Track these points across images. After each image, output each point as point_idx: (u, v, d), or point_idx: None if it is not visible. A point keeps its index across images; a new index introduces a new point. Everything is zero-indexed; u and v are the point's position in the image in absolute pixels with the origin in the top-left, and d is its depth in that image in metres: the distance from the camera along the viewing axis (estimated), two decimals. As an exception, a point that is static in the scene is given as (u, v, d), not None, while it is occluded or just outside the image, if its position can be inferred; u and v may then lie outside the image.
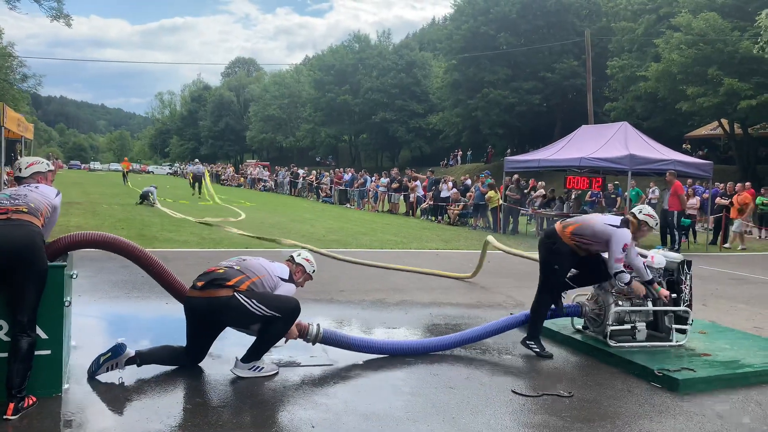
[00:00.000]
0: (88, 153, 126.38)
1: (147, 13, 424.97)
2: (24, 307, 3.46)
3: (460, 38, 44.22)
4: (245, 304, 4.06)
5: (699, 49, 25.82)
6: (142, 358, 4.17)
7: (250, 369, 4.27)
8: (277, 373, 4.36)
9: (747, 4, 26.95)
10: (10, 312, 3.53)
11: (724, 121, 29.16)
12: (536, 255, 5.59)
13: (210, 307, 4.10)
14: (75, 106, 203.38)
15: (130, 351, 4.13)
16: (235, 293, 4.08)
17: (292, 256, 4.62)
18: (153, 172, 77.13)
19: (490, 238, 8.68)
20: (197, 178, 27.30)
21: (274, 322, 4.16)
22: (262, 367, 4.31)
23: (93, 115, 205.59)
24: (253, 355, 4.28)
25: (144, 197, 20.20)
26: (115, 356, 4.08)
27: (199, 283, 4.19)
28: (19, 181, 4.05)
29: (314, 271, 4.64)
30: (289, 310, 4.20)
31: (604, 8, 39.35)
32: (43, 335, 3.70)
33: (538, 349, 5.10)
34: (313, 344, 4.62)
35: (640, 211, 5.19)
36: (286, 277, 4.36)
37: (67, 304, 3.81)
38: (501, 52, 42.12)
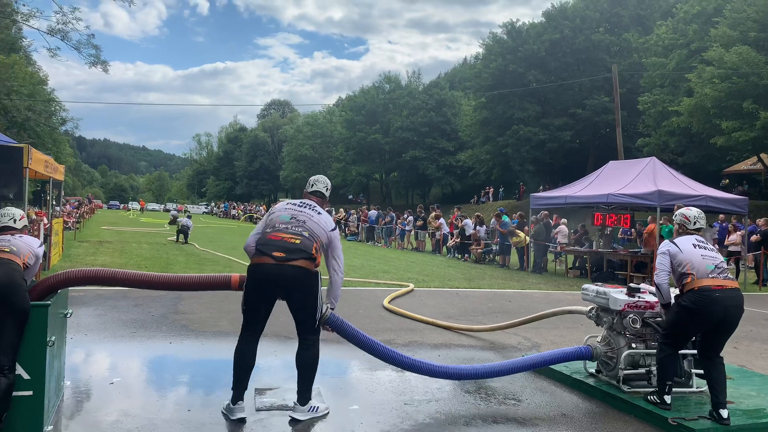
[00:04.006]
0: (128, 193, 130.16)
1: (189, 59, 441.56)
2: (2, 347, 3.42)
3: (488, 76, 44.47)
4: (318, 291, 4.14)
5: (732, 83, 25.30)
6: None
7: (309, 411, 4.21)
8: (328, 413, 4.31)
9: (781, 37, 26.44)
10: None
11: (764, 155, 28.32)
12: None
13: (294, 276, 4.01)
14: (118, 148, 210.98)
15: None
16: (318, 272, 4.14)
17: (317, 190, 4.55)
18: (189, 211, 78.89)
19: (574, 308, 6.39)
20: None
21: (313, 336, 4.22)
22: (317, 407, 4.27)
23: (134, 157, 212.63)
24: (305, 391, 4.22)
25: (183, 233, 20.59)
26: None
27: (278, 254, 4.02)
28: (4, 230, 4.04)
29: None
30: (318, 322, 4.24)
31: (634, 44, 39.06)
32: (25, 375, 3.65)
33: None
34: (318, 324, 4.35)
35: None
36: (334, 225, 4.42)
37: (50, 344, 3.75)
38: (530, 89, 42.12)
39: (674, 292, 4.69)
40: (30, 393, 3.64)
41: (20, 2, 29.03)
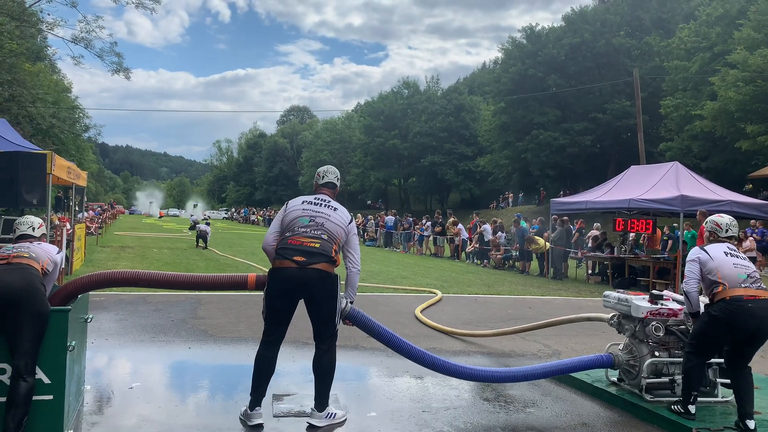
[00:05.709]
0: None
1: (210, 66, 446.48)
2: (21, 351, 3.45)
3: (508, 81, 44.32)
4: (337, 293, 4.13)
5: (757, 86, 24.90)
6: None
7: (326, 417, 4.20)
8: (345, 419, 4.28)
9: (807, 39, 25.96)
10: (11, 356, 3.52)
11: (790, 160, 27.76)
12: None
13: (316, 278, 4.03)
14: (140, 154, 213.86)
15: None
16: (338, 276, 4.13)
17: (329, 182, 4.51)
18: (210, 217, 79.64)
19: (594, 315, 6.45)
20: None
21: (330, 341, 4.17)
22: (335, 413, 4.25)
23: (156, 163, 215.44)
24: (323, 397, 4.19)
25: (203, 238, 20.78)
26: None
27: (299, 258, 4.03)
28: (23, 238, 4.06)
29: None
30: (337, 329, 4.24)
31: (656, 48, 38.63)
32: (46, 380, 3.68)
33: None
34: (337, 322, 4.29)
35: None
36: (350, 217, 4.41)
37: (71, 348, 3.78)
38: (550, 93, 41.85)
39: (703, 300, 4.59)
40: (50, 397, 3.67)
41: (45, 12, 29.60)
